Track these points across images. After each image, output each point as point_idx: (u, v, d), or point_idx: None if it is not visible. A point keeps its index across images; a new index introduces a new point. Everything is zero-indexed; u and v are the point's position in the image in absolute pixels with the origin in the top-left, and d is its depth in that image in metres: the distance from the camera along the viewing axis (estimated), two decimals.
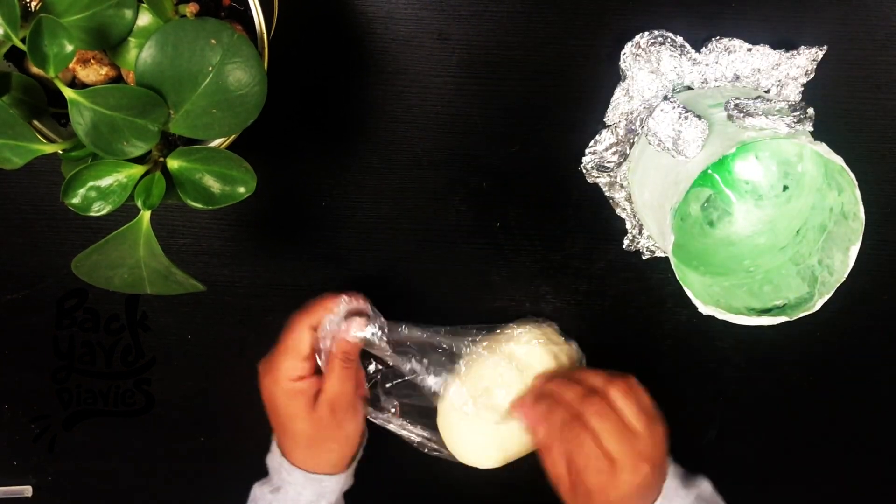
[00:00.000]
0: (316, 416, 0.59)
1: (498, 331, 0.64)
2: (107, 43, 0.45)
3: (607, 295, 0.68)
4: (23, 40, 0.42)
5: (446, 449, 0.65)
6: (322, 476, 0.59)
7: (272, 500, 0.60)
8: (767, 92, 0.61)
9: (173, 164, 0.46)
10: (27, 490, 0.73)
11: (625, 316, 0.69)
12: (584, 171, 0.64)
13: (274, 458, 0.61)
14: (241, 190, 0.46)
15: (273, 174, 0.65)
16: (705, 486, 0.59)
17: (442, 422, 0.64)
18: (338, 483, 0.61)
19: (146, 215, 0.47)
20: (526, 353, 0.62)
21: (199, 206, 0.46)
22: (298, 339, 0.59)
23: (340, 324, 0.60)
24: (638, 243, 0.66)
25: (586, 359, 0.67)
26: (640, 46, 0.59)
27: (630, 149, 0.62)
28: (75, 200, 0.45)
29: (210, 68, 0.43)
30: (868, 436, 0.72)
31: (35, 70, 0.47)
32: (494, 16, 0.61)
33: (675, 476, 0.58)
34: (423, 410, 0.65)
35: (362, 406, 0.62)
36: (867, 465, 0.73)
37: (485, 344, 0.64)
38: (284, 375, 0.59)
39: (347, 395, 0.60)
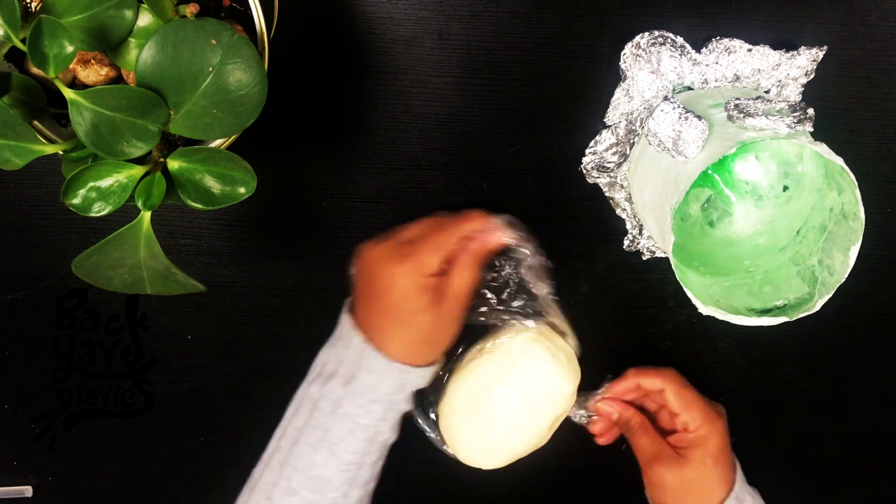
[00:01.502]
0: (441, 310, 0.57)
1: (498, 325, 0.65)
2: (107, 43, 0.45)
3: (607, 295, 0.68)
4: (23, 41, 0.42)
5: (448, 448, 0.65)
6: (411, 367, 0.57)
7: (343, 394, 0.56)
8: (767, 92, 0.61)
9: (173, 164, 0.46)
10: (27, 490, 0.73)
11: (625, 316, 0.69)
12: (584, 171, 0.64)
13: (351, 346, 0.58)
14: (241, 190, 0.46)
15: (273, 174, 0.65)
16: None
17: (444, 423, 0.64)
18: (422, 377, 0.58)
19: (146, 216, 0.47)
20: (522, 351, 0.62)
21: (199, 206, 0.46)
22: (447, 239, 0.58)
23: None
24: (638, 243, 0.66)
25: (587, 360, 0.67)
26: (640, 46, 0.59)
27: (630, 149, 0.62)
28: (76, 201, 0.45)
29: (210, 68, 0.43)
30: (868, 435, 0.72)
31: (35, 70, 0.47)
32: (494, 16, 0.61)
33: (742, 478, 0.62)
34: None
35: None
36: (867, 464, 0.73)
37: (479, 346, 0.64)
38: (423, 270, 0.56)
39: (472, 290, 0.59)
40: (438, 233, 0.58)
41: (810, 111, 0.51)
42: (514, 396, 0.62)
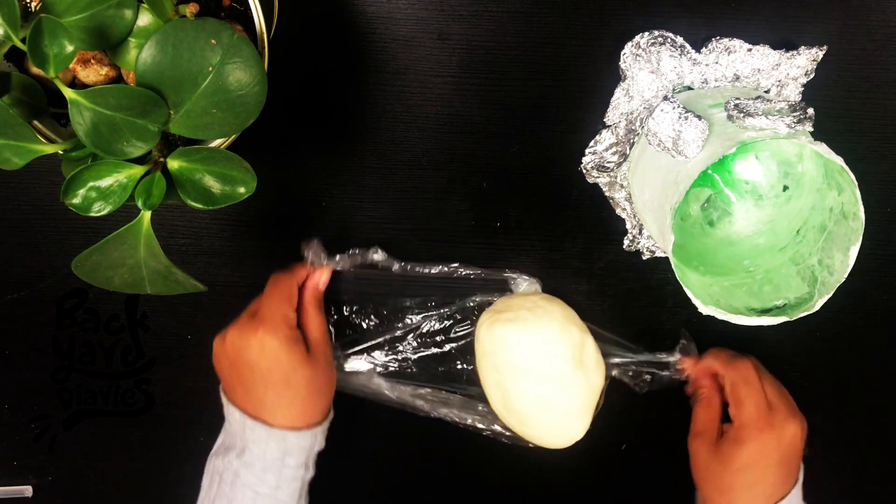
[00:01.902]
0: (314, 361, 0.59)
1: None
2: (107, 43, 0.45)
3: (607, 295, 0.68)
4: (23, 40, 0.42)
5: (510, 432, 0.66)
6: (293, 431, 0.57)
7: (239, 466, 0.57)
8: (767, 92, 0.61)
9: (173, 164, 0.46)
10: (27, 490, 0.73)
11: (625, 316, 0.69)
12: (584, 171, 0.64)
13: (233, 422, 0.59)
14: (241, 190, 0.46)
15: (273, 174, 0.65)
16: None
17: (518, 432, 0.65)
18: (303, 440, 0.58)
19: (146, 215, 0.47)
20: (492, 342, 0.63)
21: (199, 206, 0.46)
22: (289, 289, 0.60)
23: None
24: (638, 243, 0.66)
25: None
26: (640, 46, 0.59)
27: (630, 149, 0.62)
28: (76, 201, 0.45)
29: (210, 68, 0.43)
30: (868, 436, 0.72)
31: (35, 70, 0.47)
32: (494, 16, 0.61)
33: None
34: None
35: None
36: (867, 464, 0.73)
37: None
38: (284, 323, 0.58)
39: (326, 335, 0.62)
40: (278, 287, 0.60)
41: (810, 111, 0.51)
42: (527, 376, 0.62)
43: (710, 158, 0.51)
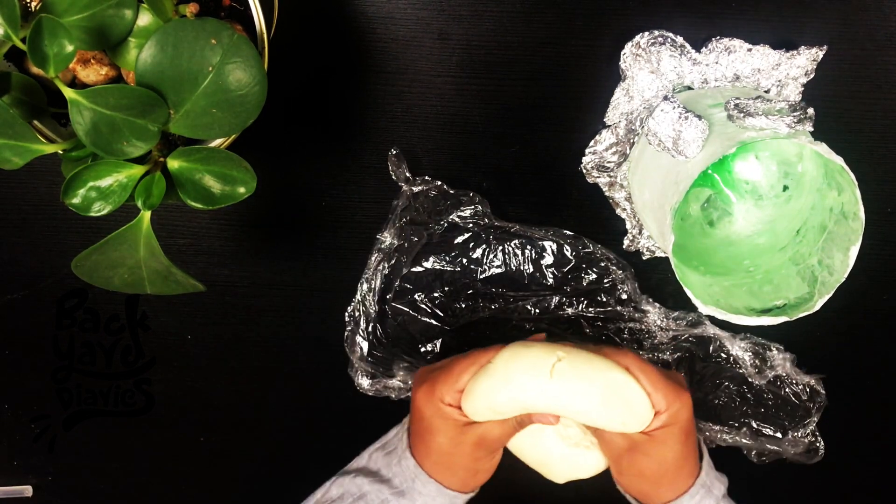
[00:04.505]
0: (459, 440, 0.58)
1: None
2: (107, 43, 0.45)
3: None
4: (23, 40, 0.42)
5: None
6: (455, 493, 0.59)
7: (394, 501, 0.58)
8: (767, 92, 0.61)
9: (173, 164, 0.46)
10: (27, 490, 0.73)
11: None
12: (584, 171, 0.64)
13: (406, 463, 0.59)
14: (241, 190, 0.46)
15: (273, 174, 0.65)
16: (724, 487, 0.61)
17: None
18: (464, 500, 0.60)
19: (146, 215, 0.47)
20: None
21: (199, 206, 0.46)
22: (462, 372, 0.58)
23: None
24: (638, 243, 0.66)
25: None
26: (640, 46, 0.59)
27: (630, 149, 0.62)
28: (75, 200, 0.45)
29: (210, 68, 0.43)
30: (868, 436, 0.72)
31: (35, 70, 0.47)
32: (494, 16, 0.61)
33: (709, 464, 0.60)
34: None
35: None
36: (867, 465, 0.73)
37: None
38: (437, 397, 0.58)
39: (501, 442, 0.60)
40: (457, 364, 0.58)
41: (810, 111, 0.51)
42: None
43: (710, 158, 0.51)
